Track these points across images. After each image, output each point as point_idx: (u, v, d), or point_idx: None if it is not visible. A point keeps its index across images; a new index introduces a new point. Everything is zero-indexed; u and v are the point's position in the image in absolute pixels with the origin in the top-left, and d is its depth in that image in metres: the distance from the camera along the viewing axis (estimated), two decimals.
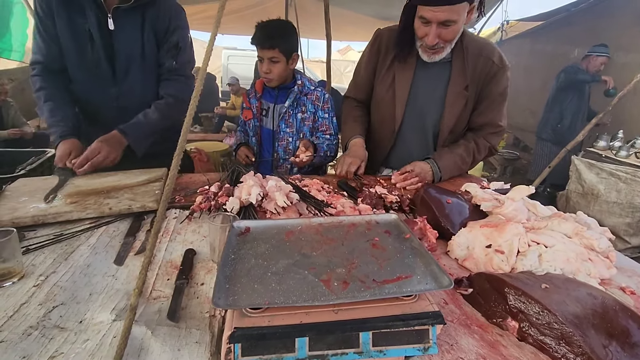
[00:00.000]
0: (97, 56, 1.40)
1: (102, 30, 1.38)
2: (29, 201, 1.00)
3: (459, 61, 1.42)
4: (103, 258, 0.80)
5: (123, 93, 1.49)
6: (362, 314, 0.57)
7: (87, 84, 1.46)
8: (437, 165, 1.44)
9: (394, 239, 0.76)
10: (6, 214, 0.92)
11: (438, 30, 1.28)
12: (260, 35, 1.54)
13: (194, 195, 1.13)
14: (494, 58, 1.43)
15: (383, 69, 1.53)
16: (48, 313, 0.61)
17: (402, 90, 1.49)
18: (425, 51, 1.38)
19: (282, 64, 1.58)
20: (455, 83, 1.44)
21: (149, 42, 1.47)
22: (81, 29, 1.36)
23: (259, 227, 0.78)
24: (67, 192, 1.08)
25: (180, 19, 1.54)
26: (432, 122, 1.52)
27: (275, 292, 0.58)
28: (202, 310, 0.67)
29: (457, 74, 1.43)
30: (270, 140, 1.77)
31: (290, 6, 6.19)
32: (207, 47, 0.69)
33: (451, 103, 1.46)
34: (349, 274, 0.63)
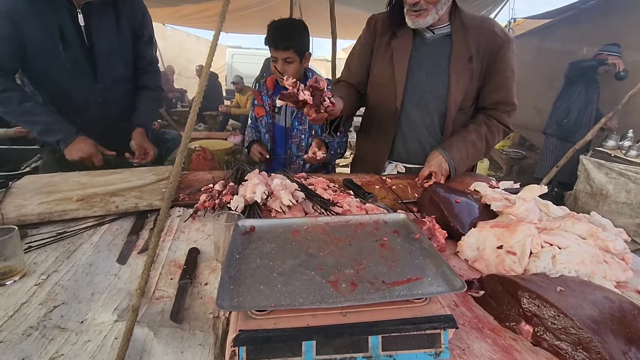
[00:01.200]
0: (72, 53, 1.38)
1: (77, 27, 1.36)
2: (35, 198, 0.99)
3: (460, 35, 1.35)
4: (106, 257, 0.78)
5: (105, 88, 1.49)
6: (371, 316, 0.55)
7: (66, 85, 1.43)
8: (449, 156, 1.36)
9: (403, 239, 0.74)
10: (13, 211, 0.91)
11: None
12: (275, 37, 1.54)
13: (198, 194, 1.11)
14: (497, 30, 1.36)
15: (380, 50, 1.46)
16: (49, 313, 0.59)
17: (400, 64, 1.40)
18: (409, 15, 1.30)
19: (296, 64, 1.58)
20: (458, 56, 1.36)
21: (126, 36, 1.49)
22: (51, 27, 1.33)
23: (264, 226, 0.77)
24: (72, 190, 1.07)
25: (147, 13, 1.59)
26: (437, 99, 1.41)
27: (282, 294, 0.56)
28: (206, 311, 0.65)
29: (459, 47, 1.36)
30: (283, 137, 1.77)
31: (295, 4, 6.17)
32: (211, 42, 0.67)
33: (456, 77, 1.37)
34: (357, 275, 0.61)
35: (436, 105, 1.42)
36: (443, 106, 1.42)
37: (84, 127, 1.45)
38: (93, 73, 1.44)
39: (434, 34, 1.38)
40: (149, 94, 1.63)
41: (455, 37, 1.36)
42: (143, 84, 1.63)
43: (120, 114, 1.55)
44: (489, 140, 1.45)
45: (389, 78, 1.43)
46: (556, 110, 4.19)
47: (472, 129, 1.43)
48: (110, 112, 1.51)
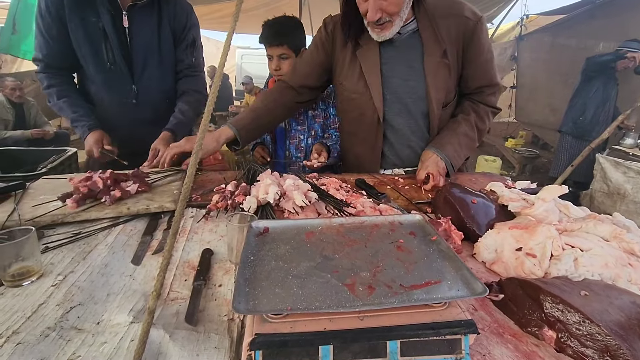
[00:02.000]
0: (112, 54, 1.42)
1: (117, 28, 1.39)
2: (49, 199, 1.00)
3: (428, 29, 1.27)
4: (121, 257, 0.78)
5: (140, 90, 1.50)
6: (389, 321, 0.54)
7: (104, 83, 1.48)
8: (442, 153, 1.32)
9: (420, 241, 0.72)
10: (28, 213, 0.92)
11: (377, 2, 1.14)
12: (268, 33, 1.54)
13: (210, 194, 1.11)
14: (466, 13, 1.28)
15: (346, 63, 1.37)
16: (66, 314, 0.60)
17: (373, 76, 1.33)
18: (372, 29, 1.24)
19: (291, 60, 1.57)
20: (430, 52, 1.29)
21: (166, 39, 1.49)
22: (94, 27, 1.37)
23: (278, 228, 0.76)
24: None
25: (194, 17, 1.57)
26: (418, 101, 1.36)
27: (298, 297, 0.55)
28: (221, 314, 0.65)
29: (430, 43, 1.28)
30: (283, 138, 1.76)
31: (304, 5, 6.17)
32: (225, 42, 0.66)
33: (433, 75, 1.31)
34: (374, 278, 0.60)
35: (418, 108, 1.37)
36: (425, 107, 1.37)
37: (117, 126, 1.51)
38: (130, 74, 1.47)
39: (400, 34, 1.29)
40: (187, 98, 1.60)
41: (423, 33, 1.28)
42: (182, 88, 1.61)
43: (154, 116, 1.56)
44: (479, 126, 1.41)
45: (364, 92, 1.37)
46: (572, 107, 4.09)
47: (461, 119, 1.39)
48: (143, 114, 1.53)
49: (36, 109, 4.47)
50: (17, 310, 0.60)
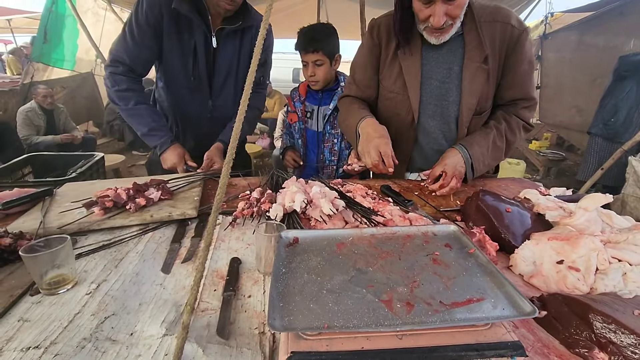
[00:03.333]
0: (197, 70, 1.51)
1: (207, 48, 1.49)
2: (75, 206, 1.02)
3: (473, 32, 1.24)
4: (151, 266, 0.79)
5: (217, 106, 1.60)
6: (429, 341, 0.51)
7: (186, 96, 1.58)
8: (467, 153, 1.26)
9: (457, 254, 0.69)
10: (55, 220, 0.93)
11: (444, 7, 1.11)
12: (304, 40, 1.55)
13: (235, 201, 1.11)
14: (512, 22, 1.25)
15: (387, 62, 1.36)
16: (100, 324, 0.60)
17: (412, 77, 1.31)
18: (431, 33, 1.21)
19: (326, 66, 1.57)
20: (471, 57, 1.26)
21: (244, 61, 1.58)
22: (187, 44, 1.47)
23: (308, 238, 0.74)
24: None
25: (271, 37, 1.66)
26: (452, 104, 1.33)
27: (333, 313, 0.53)
28: (251, 326, 0.63)
29: (472, 47, 1.25)
30: (316, 141, 1.77)
31: (321, 9, 6.17)
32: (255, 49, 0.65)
33: (469, 80, 1.27)
34: (411, 294, 0.57)
35: (452, 112, 1.34)
36: (456, 111, 1.34)
37: (192, 137, 1.63)
38: (209, 90, 1.56)
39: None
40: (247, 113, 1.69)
41: (467, 36, 1.25)
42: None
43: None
44: (509, 138, 1.34)
45: (400, 92, 1.36)
46: (603, 108, 3.91)
47: (492, 126, 1.33)
48: (216, 129, 1.60)
49: (65, 115, 4.65)
50: (54, 320, 0.60)
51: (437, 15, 1.11)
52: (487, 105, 1.35)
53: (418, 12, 1.17)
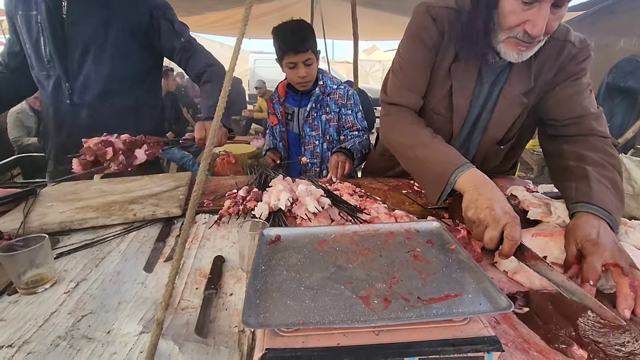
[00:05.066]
0: (48, 49, 1.28)
1: (54, 19, 1.25)
2: (57, 206, 1.01)
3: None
4: (133, 265, 0.78)
5: (77, 90, 1.34)
6: (406, 336, 0.51)
7: (43, 82, 1.35)
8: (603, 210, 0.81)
9: (438, 250, 0.69)
10: (36, 220, 0.92)
11: (548, 12, 0.85)
12: (294, 40, 1.49)
13: (222, 199, 1.10)
14: (570, 38, 1.04)
15: (440, 72, 1.11)
16: (77, 322, 0.59)
17: (462, 101, 1.12)
18: (515, 46, 0.93)
19: (315, 64, 1.55)
20: (512, 84, 1.08)
21: (114, 31, 1.31)
22: (34, 21, 1.27)
23: (290, 235, 0.74)
24: (92, 197, 1.08)
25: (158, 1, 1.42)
26: (479, 130, 1.19)
27: (310, 310, 0.53)
28: (231, 325, 0.63)
29: (517, 73, 1.06)
30: (298, 144, 1.74)
31: (315, 9, 6.17)
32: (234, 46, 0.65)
33: (502, 110, 1.11)
34: (390, 290, 0.57)
35: (476, 138, 1.21)
36: (479, 141, 1.21)
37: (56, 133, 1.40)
38: (64, 70, 1.32)
39: (499, 58, 1.02)
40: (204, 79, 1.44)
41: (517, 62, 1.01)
42: (192, 73, 1.47)
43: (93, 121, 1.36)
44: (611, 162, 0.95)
45: (445, 113, 1.15)
46: None
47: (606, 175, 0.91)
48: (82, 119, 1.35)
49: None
50: (29, 319, 0.60)
51: (541, 19, 0.84)
52: (508, 137, 1.19)
53: (510, 13, 0.89)
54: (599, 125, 1.02)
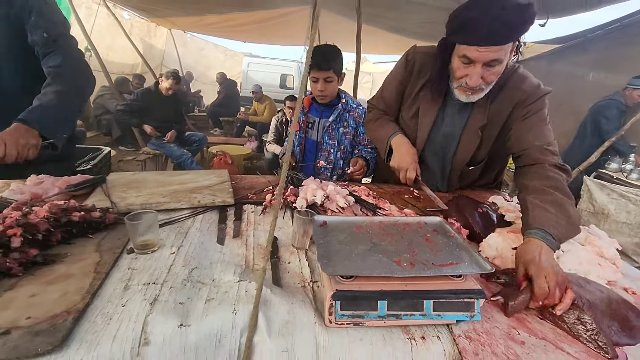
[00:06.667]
0: None
1: None
2: (130, 192, 1.23)
3: (482, 98, 1.32)
4: (209, 238, 1.01)
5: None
6: (425, 287, 0.77)
7: None
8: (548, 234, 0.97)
9: (442, 236, 0.96)
10: (120, 201, 1.14)
11: (482, 70, 1.18)
12: (319, 59, 1.76)
13: (261, 194, 1.34)
14: (524, 86, 1.32)
15: (411, 95, 1.51)
16: (190, 272, 0.82)
17: (425, 123, 1.49)
18: (463, 92, 1.29)
19: (335, 83, 1.81)
20: (473, 121, 1.41)
21: (17, 32, 1.34)
22: None
23: (334, 222, 0.99)
24: (155, 187, 1.30)
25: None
26: (449, 155, 1.54)
27: (361, 267, 0.78)
28: (294, 282, 0.87)
29: (477, 112, 1.39)
30: (314, 150, 2.00)
31: (314, 19, 6.46)
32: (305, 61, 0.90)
33: (466, 140, 1.46)
34: (413, 258, 0.84)
35: (448, 159, 1.56)
36: (450, 161, 1.55)
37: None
38: None
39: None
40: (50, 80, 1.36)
41: (477, 101, 1.33)
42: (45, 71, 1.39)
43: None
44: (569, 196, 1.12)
45: (413, 128, 1.54)
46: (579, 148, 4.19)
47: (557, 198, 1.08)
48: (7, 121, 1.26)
49: None
50: (155, 269, 0.82)
51: (475, 75, 1.18)
52: (476, 161, 1.53)
53: (456, 69, 1.25)
54: (542, 154, 1.23)
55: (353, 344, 0.71)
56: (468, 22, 1.14)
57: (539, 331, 0.81)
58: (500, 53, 1.14)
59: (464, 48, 1.18)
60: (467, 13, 1.15)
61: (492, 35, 1.11)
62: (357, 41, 3.91)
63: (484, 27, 1.10)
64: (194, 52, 11.08)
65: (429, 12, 4.57)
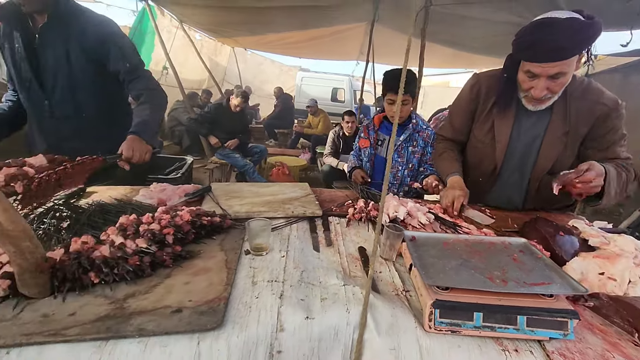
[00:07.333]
0: (27, 74, 1.58)
1: (29, 49, 1.55)
2: (233, 200, 1.42)
3: (561, 106, 1.42)
4: (306, 245, 1.15)
5: (54, 106, 1.64)
6: (518, 303, 0.83)
7: (25, 101, 1.67)
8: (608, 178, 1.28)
9: (529, 257, 1.01)
10: (228, 209, 1.32)
11: (546, 83, 1.29)
12: (396, 82, 1.87)
13: (343, 207, 1.47)
14: (603, 99, 1.39)
15: (482, 115, 1.60)
16: (301, 274, 0.96)
17: (502, 137, 1.54)
18: (530, 101, 1.41)
19: (409, 105, 1.92)
20: (553, 128, 1.45)
21: (78, 57, 1.59)
22: (16, 51, 1.57)
23: (422, 237, 1.08)
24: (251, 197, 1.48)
25: (109, 28, 1.67)
26: (529, 165, 1.56)
27: (456, 281, 0.87)
28: (389, 290, 0.97)
29: (557, 119, 1.44)
30: (383, 167, 2.11)
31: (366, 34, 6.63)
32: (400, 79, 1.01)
33: (548, 147, 1.48)
34: (504, 275, 0.90)
35: (528, 170, 1.58)
36: (530, 171, 1.57)
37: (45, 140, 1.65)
38: (42, 91, 1.61)
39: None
40: (140, 100, 1.68)
41: (555, 109, 1.43)
42: (132, 95, 1.72)
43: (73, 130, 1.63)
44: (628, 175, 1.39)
45: (489, 144, 1.59)
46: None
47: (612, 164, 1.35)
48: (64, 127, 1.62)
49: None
50: (273, 269, 0.97)
51: (538, 88, 1.31)
52: (562, 168, 1.50)
53: (522, 82, 1.38)
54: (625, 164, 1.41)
55: (452, 349, 0.79)
56: (530, 43, 1.27)
57: (635, 357, 0.83)
58: (563, 67, 1.25)
59: (528, 64, 1.31)
60: (530, 36, 1.28)
61: (554, 52, 1.23)
62: (420, 59, 3.97)
63: (546, 46, 1.23)
64: (252, 68, 11.80)
65: (491, 26, 4.53)
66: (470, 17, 4.39)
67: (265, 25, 6.66)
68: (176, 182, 1.69)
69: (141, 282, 0.87)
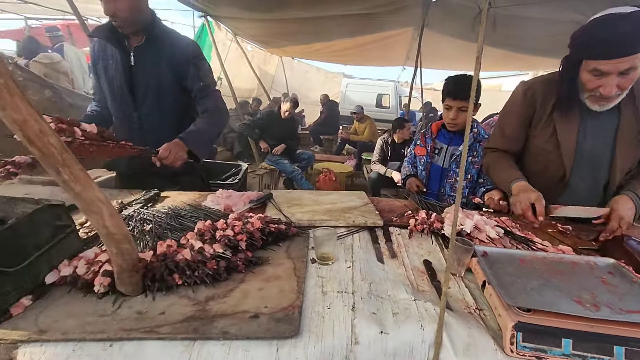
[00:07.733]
0: (121, 88, 1.76)
1: (125, 66, 1.73)
2: (294, 208, 1.45)
3: (629, 104, 1.36)
4: (370, 256, 1.14)
5: (143, 117, 1.81)
6: (613, 332, 0.76)
7: (116, 112, 1.86)
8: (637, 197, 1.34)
9: (621, 280, 0.92)
10: (290, 216, 1.36)
11: (617, 79, 1.23)
12: (455, 88, 1.82)
13: (403, 218, 1.44)
14: None
15: (541, 121, 1.51)
16: (369, 286, 0.95)
17: (568, 142, 1.46)
18: (596, 101, 1.34)
19: (466, 114, 1.84)
20: (626, 128, 1.38)
21: (165, 74, 1.76)
22: (110, 67, 1.75)
23: (494, 253, 1.03)
24: (310, 205, 1.51)
25: (192, 49, 1.82)
26: (603, 167, 1.46)
27: (540, 302, 0.81)
28: (460, 307, 0.93)
29: (628, 118, 1.37)
30: (439, 176, 2.04)
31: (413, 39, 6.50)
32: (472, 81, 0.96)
33: (625, 147, 1.41)
34: (594, 300, 0.83)
35: (603, 175, 1.48)
36: (607, 175, 1.47)
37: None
38: (133, 104, 1.79)
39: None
40: (202, 115, 1.85)
41: (624, 108, 1.37)
42: (199, 109, 1.87)
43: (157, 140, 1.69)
44: None
45: (552, 150, 1.50)
46: None
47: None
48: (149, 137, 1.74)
49: None
50: (341, 279, 0.98)
51: (609, 85, 1.24)
52: (634, 165, 1.48)
53: (587, 82, 1.31)
54: None
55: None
56: (597, 41, 1.22)
57: None
58: (635, 61, 1.19)
59: (594, 62, 1.25)
60: (595, 34, 1.23)
61: (624, 46, 1.17)
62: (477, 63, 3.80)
63: (615, 41, 1.18)
64: (299, 76, 12.08)
65: (552, 26, 4.24)
66: (529, 18, 4.14)
67: (314, 35, 6.79)
68: (233, 188, 1.77)
69: (218, 286, 0.92)
